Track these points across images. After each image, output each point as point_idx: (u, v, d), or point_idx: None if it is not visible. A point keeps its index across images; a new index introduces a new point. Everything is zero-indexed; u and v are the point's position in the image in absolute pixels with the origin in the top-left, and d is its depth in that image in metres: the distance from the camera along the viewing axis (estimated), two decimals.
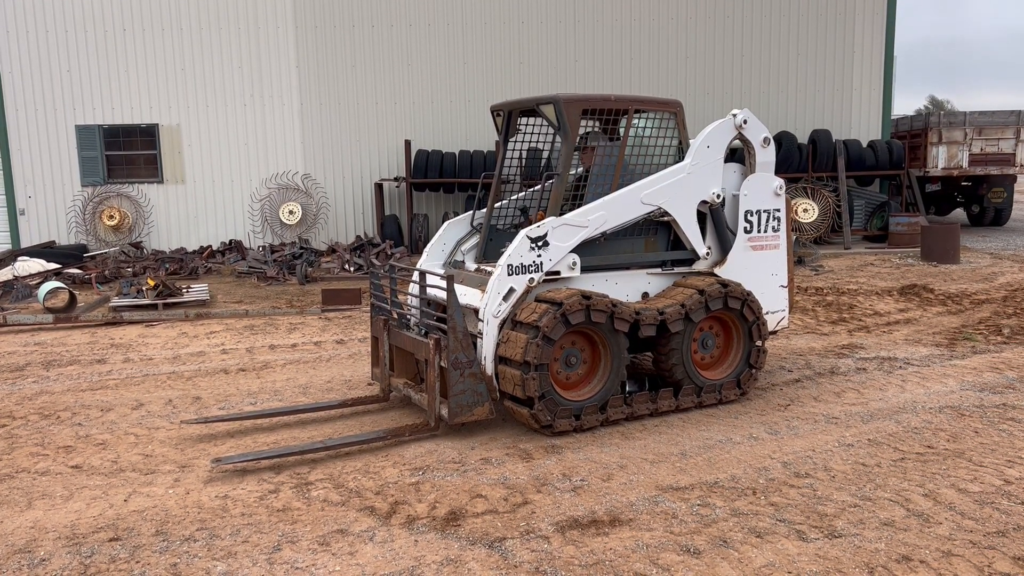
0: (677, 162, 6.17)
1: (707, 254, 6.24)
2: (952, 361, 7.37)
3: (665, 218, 6.08)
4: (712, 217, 6.27)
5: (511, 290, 5.47)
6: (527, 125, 6.74)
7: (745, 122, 6.31)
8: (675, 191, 6.02)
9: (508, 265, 5.45)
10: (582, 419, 5.51)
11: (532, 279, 5.51)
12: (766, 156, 6.45)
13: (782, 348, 7.96)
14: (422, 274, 5.78)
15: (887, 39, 18.07)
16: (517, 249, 5.48)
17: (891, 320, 9.31)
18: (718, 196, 6.18)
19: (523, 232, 5.51)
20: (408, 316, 6.10)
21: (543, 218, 5.98)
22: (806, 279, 12.46)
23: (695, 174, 6.10)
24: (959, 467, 4.86)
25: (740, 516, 4.23)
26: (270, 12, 16.99)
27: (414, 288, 6.25)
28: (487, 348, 5.43)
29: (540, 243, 5.52)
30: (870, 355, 7.64)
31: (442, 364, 5.40)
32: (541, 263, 5.55)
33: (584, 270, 5.80)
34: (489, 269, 6.15)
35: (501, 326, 5.47)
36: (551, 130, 6.66)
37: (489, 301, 5.42)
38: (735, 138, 6.33)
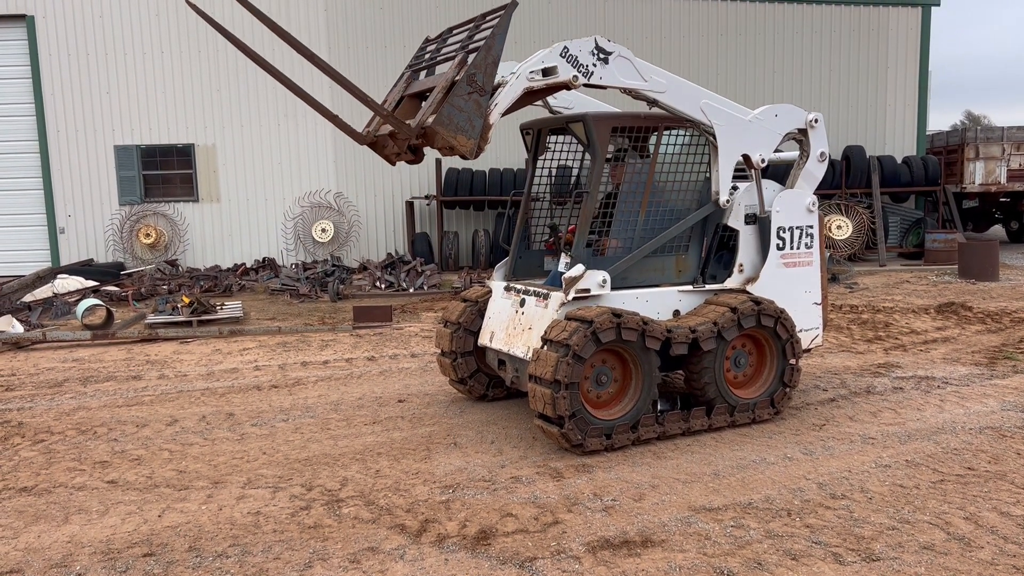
0: (708, 179, 6.14)
1: (727, 203, 6.13)
2: (992, 381, 7.21)
3: (713, 140, 5.97)
4: (759, 227, 6.22)
5: (554, 69, 5.32)
6: (556, 143, 6.75)
7: (816, 121, 6.31)
8: (731, 123, 5.96)
9: (565, 47, 5.33)
10: (613, 438, 5.46)
11: (576, 77, 5.36)
12: (816, 169, 6.41)
13: (816, 367, 7.84)
14: (483, 15, 5.53)
15: (921, 55, 17.91)
16: (582, 43, 5.37)
17: (928, 338, 9.14)
18: (763, 160, 6.12)
19: (596, 36, 5.45)
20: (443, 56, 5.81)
21: (572, 236, 5.97)
22: (841, 296, 12.29)
23: (754, 126, 6.07)
24: (1001, 489, 4.74)
25: (775, 538, 4.16)
26: (304, 32, 17.26)
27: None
28: (505, 98, 5.22)
29: (601, 55, 5.43)
30: (907, 374, 7.50)
31: (456, 78, 5.14)
32: (591, 72, 5.42)
33: (614, 288, 5.77)
34: (519, 287, 6.16)
35: (523, 93, 5.30)
36: (581, 148, 6.66)
37: (530, 64, 5.29)
38: (798, 132, 6.31)
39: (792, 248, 6.34)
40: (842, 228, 15.64)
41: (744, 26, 17.79)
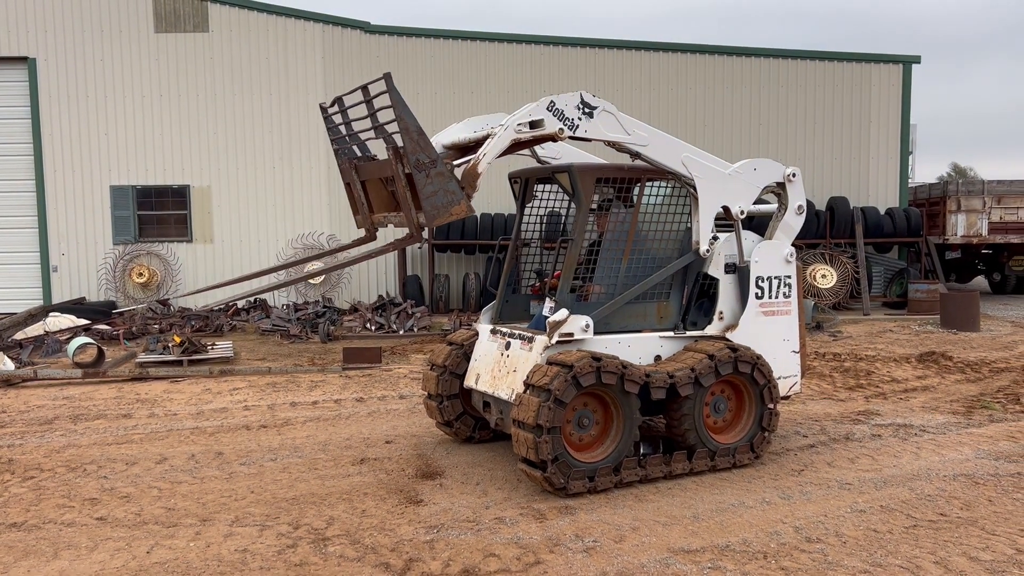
0: (689, 228, 6.34)
1: (707, 252, 6.32)
2: (968, 429, 7.36)
3: (694, 192, 6.15)
4: (738, 276, 6.41)
5: (541, 122, 5.52)
6: (543, 191, 6.96)
7: (794, 175, 6.54)
8: (711, 176, 6.16)
9: (552, 101, 5.53)
10: (596, 480, 5.56)
11: (562, 130, 5.56)
12: (793, 221, 6.61)
13: (797, 413, 7.98)
14: (364, 87, 5.70)
15: (903, 108, 18.39)
16: (568, 98, 5.58)
17: (908, 387, 9.30)
18: (742, 212, 6.32)
19: (582, 91, 5.65)
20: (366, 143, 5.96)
21: (558, 281, 6.14)
22: (824, 344, 12.48)
23: (734, 179, 6.28)
24: (971, 535, 4.86)
25: None
26: (301, 78, 17.62)
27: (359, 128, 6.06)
28: (493, 149, 5.43)
29: (587, 109, 5.62)
30: (886, 422, 7.65)
31: (406, 171, 5.33)
32: (576, 125, 5.61)
33: (597, 332, 5.92)
34: (505, 330, 6.31)
35: (511, 143, 5.49)
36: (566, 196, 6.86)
37: (518, 117, 5.50)
38: (776, 186, 6.52)
39: (770, 297, 6.52)
40: (827, 277, 15.91)
41: (730, 79, 18.26)
